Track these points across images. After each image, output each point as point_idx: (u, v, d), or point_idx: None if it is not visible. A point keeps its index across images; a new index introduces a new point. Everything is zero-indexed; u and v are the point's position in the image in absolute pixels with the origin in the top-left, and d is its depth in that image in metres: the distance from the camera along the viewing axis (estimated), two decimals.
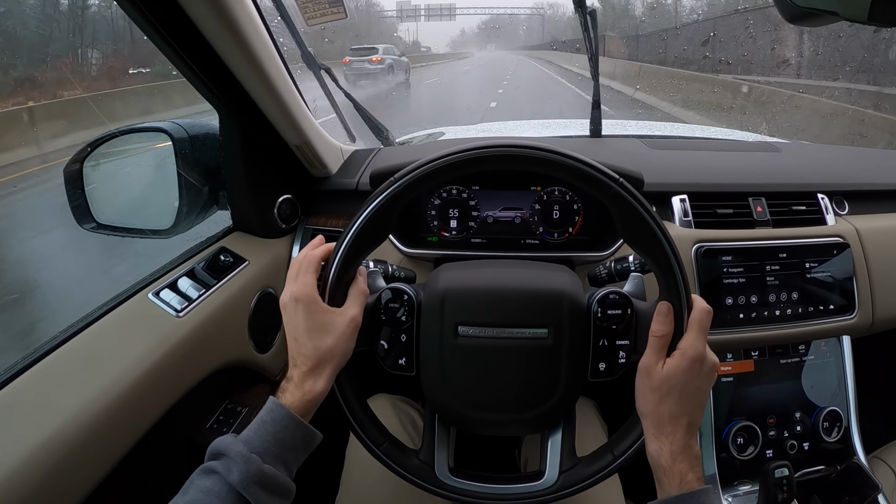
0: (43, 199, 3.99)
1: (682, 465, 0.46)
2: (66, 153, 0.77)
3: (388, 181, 0.51)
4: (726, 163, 0.93)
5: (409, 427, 0.71)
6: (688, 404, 0.47)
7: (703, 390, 0.48)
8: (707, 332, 0.49)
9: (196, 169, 0.75)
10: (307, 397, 0.46)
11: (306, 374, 0.47)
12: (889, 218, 0.91)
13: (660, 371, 0.47)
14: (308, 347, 0.48)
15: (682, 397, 0.47)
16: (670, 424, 0.47)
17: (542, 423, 0.55)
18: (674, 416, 0.47)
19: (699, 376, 0.47)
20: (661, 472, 0.47)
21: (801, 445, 0.81)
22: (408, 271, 0.68)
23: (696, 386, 0.47)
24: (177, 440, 0.70)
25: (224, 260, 0.74)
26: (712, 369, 0.48)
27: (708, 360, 0.48)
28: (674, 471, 0.46)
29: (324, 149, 0.82)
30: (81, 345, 0.58)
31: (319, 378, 0.47)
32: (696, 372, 0.47)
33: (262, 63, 0.63)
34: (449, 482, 0.54)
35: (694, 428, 0.48)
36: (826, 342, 0.84)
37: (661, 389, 0.47)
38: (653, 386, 0.48)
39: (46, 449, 0.48)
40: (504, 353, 0.52)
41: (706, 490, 0.46)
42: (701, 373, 0.47)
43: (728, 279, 0.78)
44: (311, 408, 0.47)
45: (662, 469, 0.46)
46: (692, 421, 0.48)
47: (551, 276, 0.55)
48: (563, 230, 0.81)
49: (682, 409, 0.47)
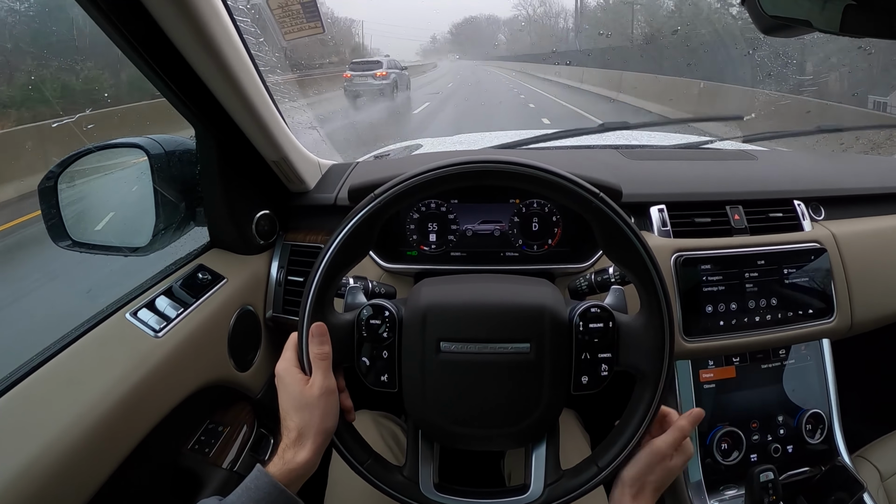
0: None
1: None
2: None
3: (367, 198, 0.51)
4: (703, 172, 0.95)
5: (391, 442, 0.71)
6: (660, 488, 0.53)
7: (667, 480, 0.53)
8: (687, 434, 0.53)
9: (173, 185, 0.74)
10: (288, 467, 0.48)
11: (288, 446, 0.49)
12: (865, 222, 0.93)
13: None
14: (289, 421, 0.50)
15: (656, 493, 0.52)
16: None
17: (525, 437, 0.55)
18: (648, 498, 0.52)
19: (673, 472, 0.52)
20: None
21: (786, 448, 0.82)
22: (388, 287, 0.68)
23: (665, 477, 0.52)
24: (158, 462, 0.69)
25: (202, 278, 0.73)
26: (684, 463, 0.53)
27: (672, 463, 0.52)
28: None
29: (301, 164, 0.81)
30: (59, 367, 0.57)
31: (301, 450, 0.48)
32: (670, 469, 0.52)
33: (239, 78, 0.63)
34: (434, 498, 0.54)
35: (657, 493, 0.53)
36: (806, 346, 0.85)
37: (631, 490, 0.51)
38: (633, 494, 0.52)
39: (26, 475, 0.47)
40: (487, 368, 0.52)
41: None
42: (675, 469, 0.52)
43: (707, 287, 0.78)
44: (296, 478, 0.48)
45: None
46: (657, 489, 0.52)
47: (533, 291, 0.55)
48: (542, 242, 0.82)
49: (655, 491, 0.52)
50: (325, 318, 0.53)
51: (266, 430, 0.80)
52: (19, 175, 3.38)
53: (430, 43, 58.23)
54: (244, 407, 0.77)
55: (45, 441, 0.49)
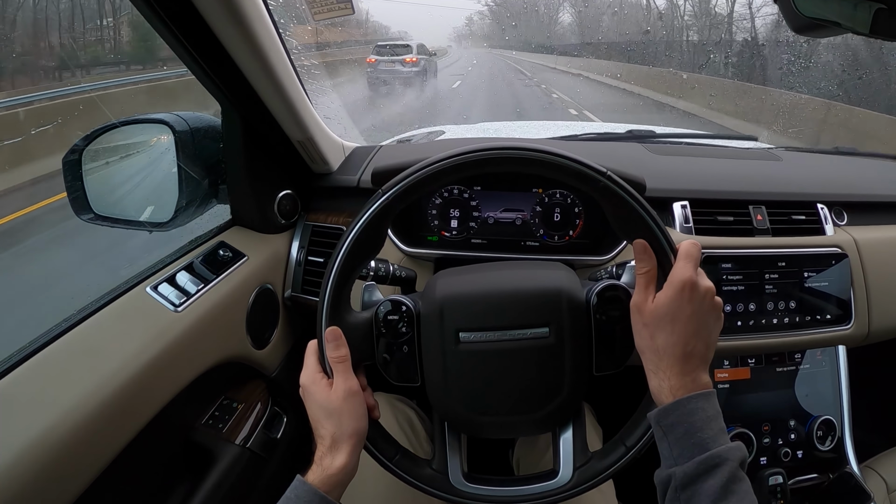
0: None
1: (687, 395, 0.45)
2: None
3: (375, 194, 0.52)
4: (728, 170, 0.94)
5: (406, 427, 0.71)
6: (682, 333, 0.46)
7: (699, 318, 0.46)
8: (696, 261, 0.48)
9: (196, 162, 0.75)
10: (328, 473, 0.48)
11: (325, 453, 0.49)
12: (888, 230, 0.92)
13: (650, 306, 0.47)
14: (321, 430, 0.50)
15: (674, 327, 0.46)
16: (666, 358, 0.46)
17: (551, 422, 0.55)
18: (668, 348, 0.46)
19: (690, 302, 0.46)
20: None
21: (795, 453, 0.82)
22: (408, 270, 0.68)
23: (689, 313, 0.46)
24: (173, 435, 0.69)
25: (223, 255, 0.74)
26: (705, 294, 0.47)
27: (700, 286, 0.46)
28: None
29: (326, 145, 0.82)
30: (78, 338, 0.57)
31: (338, 454, 0.48)
32: (686, 298, 0.46)
33: (269, 57, 0.63)
34: (464, 489, 0.54)
35: (694, 361, 0.46)
36: (822, 351, 0.84)
37: (653, 323, 0.47)
38: (645, 321, 0.47)
39: (43, 444, 0.47)
40: (507, 355, 0.52)
41: (703, 394, 0.45)
42: (692, 299, 0.46)
43: (727, 286, 0.78)
44: (337, 483, 0.48)
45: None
46: (689, 352, 0.46)
47: (548, 275, 0.55)
48: (563, 233, 0.81)
49: (676, 338, 0.46)
50: (343, 318, 0.53)
51: (280, 409, 0.81)
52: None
53: (464, 27, 49.90)
54: (259, 384, 0.78)
55: (62, 410, 0.50)
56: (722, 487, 0.41)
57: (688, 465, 0.42)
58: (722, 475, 0.41)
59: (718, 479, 0.41)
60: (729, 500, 0.41)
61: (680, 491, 0.42)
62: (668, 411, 0.45)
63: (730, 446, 0.43)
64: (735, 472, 0.42)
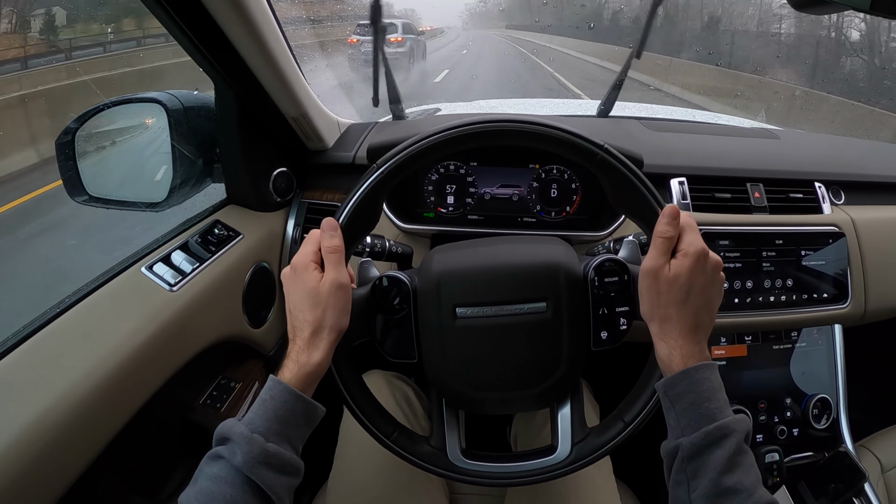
0: None
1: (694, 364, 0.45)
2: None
3: (369, 168, 0.51)
4: (726, 147, 0.93)
5: (403, 404, 0.71)
6: (694, 304, 0.46)
7: (710, 290, 0.47)
8: (698, 232, 0.48)
9: (190, 141, 0.74)
10: (304, 370, 0.46)
11: (302, 348, 0.47)
12: (885, 210, 0.92)
13: (667, 273, 0.46)
14: (300, 319, 0.47)
15: (689, 297, 0.46)
16: (678, 326, 0.46)
17: (549, 398, 0.55)
18: (682, 318, 0.46)
19: (704, 273, 0.46)
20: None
21: (791, 431, 0.82)
22: (405, 246, 0.67)
23: (702, 284, 0.46)
24: (170, 416, 0.69)
25: (218, 233, 0.73)
26: (716, 267, 0.47)
27: (711, 257, 0.47)
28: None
29: (320, 121, 0.81)
30: (74, 320, 0.57)
31: (315, 350, 0.46)
32: (701, 269, 0.46)
33: (262, 32, 0.62)
34: (462, 465, 0.54)
35: (702, 332, 0.47)
36: (818, 330, 0.85)
37: (670, 291, 0.46)
38: (660, 289, 0.46)
39: (40, 426, 0.47)
40: (504, 330, 0.52)
41: (708, 365, 0.45)
42: (706, 270, 0.46)
43: (725, 263, 0.78)
44: (311, 381, 0.46)
45: (673, 372, 0.46)
46: (699, 324, 0.46)
47: (545, 249, 0.55)
48: (560, 209, 0.81)
49: (689, 308, 0.46)
50: None
51: None
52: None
53: (478, 4, 45.49)
54: (256, 363, 0.78)
55: (59, 392, 0.49)
56: (728, 459, 0.41)
57: (695, 435, 0.42)
58: (729, 447, 0.41)
59: (725, 450, 0.41)
60: (734, 472, 0.40)
61: (686, 462, 0.42)
62: (675, 381, 0.45)
63: (736, 418, 0.43)
64: (741, 444, 0.42)
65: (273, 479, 0.41)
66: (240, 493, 0.40)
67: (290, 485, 0.43)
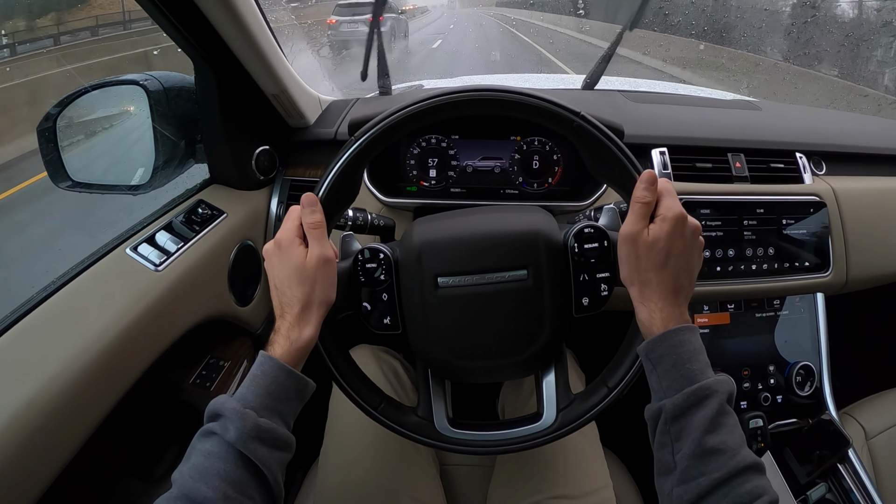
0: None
1: (675, 326, 0.46)
2: None
3: (348, 140, 0.51)
4: (707, 118, 0.94)
5: (391, 377, 0.72)
6: (674, 267, 0.47)
7: (689, 253, 0.48)
8: (676, 197, 0.48)
9: (172, 122, 0.74)
10: (295, 346, 0.46)
11: (291, 324, 0.47)
12: (865, 180, 0.93)
13: (646, 237, 0.47)
14: (287, 295, 0.48)
15: (668, 260, 0.47)
16: (658, 290, 0.47)
17: (533, 365, 0.56)
18: (661, 281, 0.47)
19: (682, 237, 0.47)
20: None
21: (775, 398, 0.84)
22: (387, 219, 0.68)
23: (681, 248, 0.47)
24: (160, 396, 0.70)
25: (202, 213, 0.73)
26: (695, 231, 0.48)
27: (690, 221, 0.47)
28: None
29: (301, 98, 0.81)
30: (60, 303, 0.57)
31: (305, 326, 0.47)
32: (679, 233, 0.47)
33: (239, 9, 0.61)
34: (449, 434, 0.55)
35: (682, 296, 0.48)
36: (801, 298, 0.86)
37: (649, 255, 0.47)
38: (639, 253, 0.47)
39: (29, 409, 0.47)
40: (486, 298, 0.52)
41: (688, 327, 0.46)
42: (684, 233, 0.47)
43: (706, 232, 0.79)
44: (301, 356, 0.47)
45: (654, 335, 0.47)
46: (678, 287, 0.47)
47: (524, 217, 0.55)
48: (542, 180, 0.82)
49: (669, 272, 0.47)
50: None
51: None
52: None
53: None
54: (245, 342, 0.78)
55: (47, 376, 0.49)
56: (711, 420, 0.41)
57: (677, 396, 0.42)
58: (711, 407, 0.41)
59: (708, 410, 0.41)
60: (718, 433, 0.41)
61: (670, 423, 0.42)
62: (656, 343, 0.46)
63: (718, 378, 0.44)
64: (723, 405, 0.42)
65: (266, 454, 0.42)
66: (233, 468, 0.40)
67: (282, 459, 0.44)
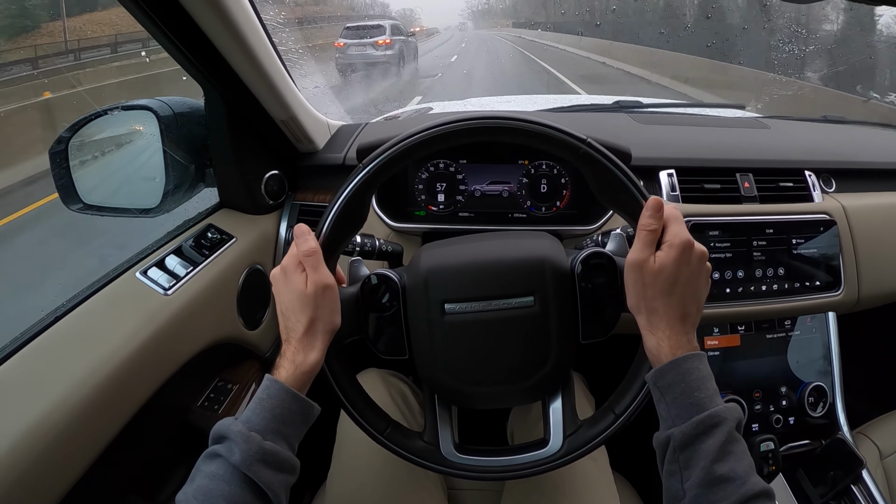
0: None
1: (683, 354, 0.46)
2: None
3: (356, 168, 0.52)
4: (714, 138, 0.94)
5: (399, 401, 0.71)
6: (681, 295, 0.47)
7: (696, 280, 0.47)
8: (683, 223, 0.48)
9: (182, 146, 0.75)
10: (300, 370, 0.47)
11: (297, 348, 0.47)
12: (875, 196, 0.92)
13: (652, 265, 0.46)
14: (292, 320, 0.48)
15: (675, 288, 0.46)
16: (665, 318, 0.47)
17: (540, 391, 0.56)
18: (668, 308, 0.46)
19: (689, 264, 0.46)
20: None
21: (787, 420, 0.82)
22: (394, 245, 0.68)
23: (688, 275, 0.47)
24: (168, 419, 0.70)
25: (211, 237, 0.74)
26: (701, 258, 0.47)
27: (696, 247, 0.47)
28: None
29: (310, 124, 0.81)
30: (70, 326, 0.58)
31: (310, 351, 0.47)
32: (686, 260, 0.46)
33: (246, 37, 0.62)
34: (455, 460, 0.55)
35: (689, 323, 0.47)
36: (812, 318, 0.85)
37: (656, 283, 0.46)
38: (646, 281, 0.47)
39: (38, 430, 0.48)
40: (493, 325, 0.52)
41: (696, 355, 0.45)
42: (691, 260, 0.47)
43: (715, 254, 0.78)
44: (306, 381, 0.47)
45: (662, 363, 0.46)
46: (686, 314, 0.47)
47: (531, 244, 0.55)
48: (550, 204, 0.82)
49: (676, 299, 0.46)
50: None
51: None
52: None
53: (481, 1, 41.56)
54: (253, 365, 0.78)
55: (57, 397, 0.50)
56: (720, 447, 0.41)
57: (686, 425, 0.42)
58: (720, 435, 0.41)
59: (716, 438, 0.41)
60: (727, 461, 0.40)
61: (679, 452, 0.42)
62: (664, 371, 0.45)
63: (727, 406, 0.43)
64: (732, 433, 0.42)
65: (270, 477, 0.42)
66: (237, 490, 0.40)
67: (286, 482, 0.44)
